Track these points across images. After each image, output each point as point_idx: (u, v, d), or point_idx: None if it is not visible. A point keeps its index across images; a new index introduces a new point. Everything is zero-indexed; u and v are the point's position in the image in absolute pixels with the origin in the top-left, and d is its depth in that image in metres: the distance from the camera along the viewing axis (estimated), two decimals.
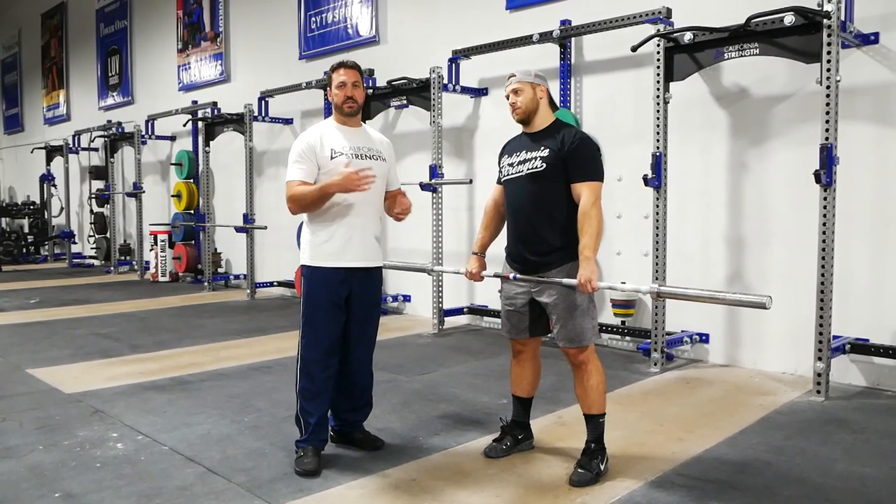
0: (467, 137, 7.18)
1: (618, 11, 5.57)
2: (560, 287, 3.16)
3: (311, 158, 3.35)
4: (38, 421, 4.03)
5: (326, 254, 3.37)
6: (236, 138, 9.68)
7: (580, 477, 3.12)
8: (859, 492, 3.04)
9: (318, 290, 3.38)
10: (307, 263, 3.43)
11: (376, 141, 3.56)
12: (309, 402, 3.37)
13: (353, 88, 3.43)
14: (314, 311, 3.39)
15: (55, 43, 15.82)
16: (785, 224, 5.04)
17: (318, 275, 3.39)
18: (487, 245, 3.56)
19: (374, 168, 3.39)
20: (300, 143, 3.42)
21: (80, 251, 14.25)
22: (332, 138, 3.41)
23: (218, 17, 10.65)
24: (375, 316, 3.60)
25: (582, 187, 3.14)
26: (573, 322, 3.17)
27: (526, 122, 3.31)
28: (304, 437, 3.36)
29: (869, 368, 4.70)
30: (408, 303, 7.82)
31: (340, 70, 3.45)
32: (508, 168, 3.33)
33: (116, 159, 12.56)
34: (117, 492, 3.05)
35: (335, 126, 3.48)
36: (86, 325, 7.07)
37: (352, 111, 3.45)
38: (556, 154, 3.17)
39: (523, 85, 3.27)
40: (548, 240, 3.21)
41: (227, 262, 10.57)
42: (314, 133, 3.43)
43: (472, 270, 3.53)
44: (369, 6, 8.16)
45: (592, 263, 3.04)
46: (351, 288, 3.40)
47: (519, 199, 3.28)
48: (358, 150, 3.42)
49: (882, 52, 4.61)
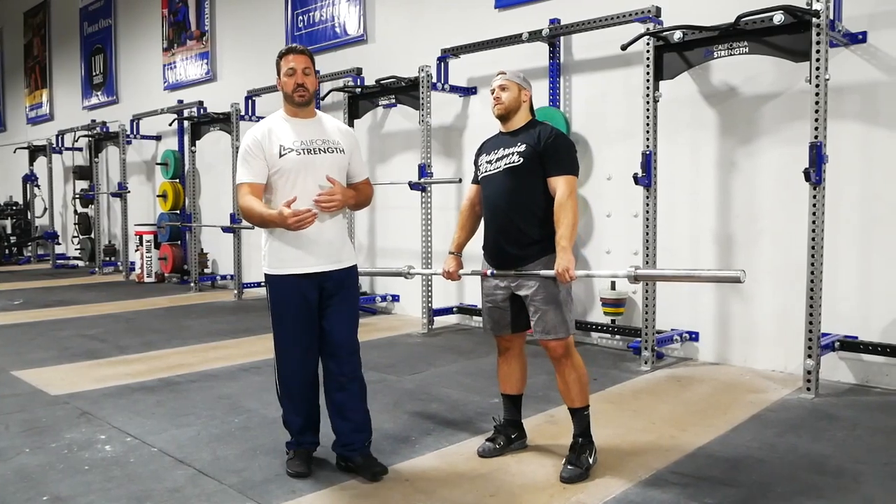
0: (456, 136, 7.16)
1: (607, 10, 5.58)
2: (539, 279, 3.19)
3: (258, 156, 3.10)
4: (24, 423, 3.97)
5: (283, 260, 3.15)
6: (223, 138, 9.61)
7: (570, 473, 3.13)
8: (852, 487, 3.06)
9: (282, 298, 3.18)
10: (266, 271, 3.22)
11: (332, 131, 3.26)
12: (290, 408, 3.28)
13: (303, 75, 3.16)
14: (281, 320, 3.21)
15: (38, 42, 15.64)
16: (774, 222, 5.06)
17: (278, 283, 3.18)
18: (464, 244, 3.58)
19: (330, 161, 3.16)
20: (247, 139, 3.16)
21: (64, 252, 14.09)
22: (281, 132, 3.15)
23: (204, 16, 10.57)
24: (351, 314, 3.28)
25: (558, 181, 3.20)
26: (551, 313, 3.19)
27: (504, 119, 3.36)
28: (292, 440, 3.32)
29: (858, 366, 4.73)
30: (396, 303, 7.79)
31: (290, 56, 3.18)
32: (487, 165, 3.37)
33: (101, 159, 12.42)
34: (106, 494, 3.01)
35: (284, 118, 3.22)
36: (71, 327, 6.99)
37: (303, 100, 3.18)
38: (533, 149, 3.23)
39: (511, 84, 3.33)
40: (526, 233, 3.24)
41: (214, 262, 10.49)
42: (261, 128, 3.18)
43: (450, 270, 3.53)
44: (357, 5, 8.12)
45: (569, 253, 3.08)
46: (320, 291, 3.18)
47: (497, 193, 3.31)
48: (310, 143, 3.15)
49: (870, 50, 4.64)
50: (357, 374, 3.29)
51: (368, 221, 7.98)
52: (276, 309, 3.21)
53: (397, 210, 7.45)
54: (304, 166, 3.12)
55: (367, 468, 3.18)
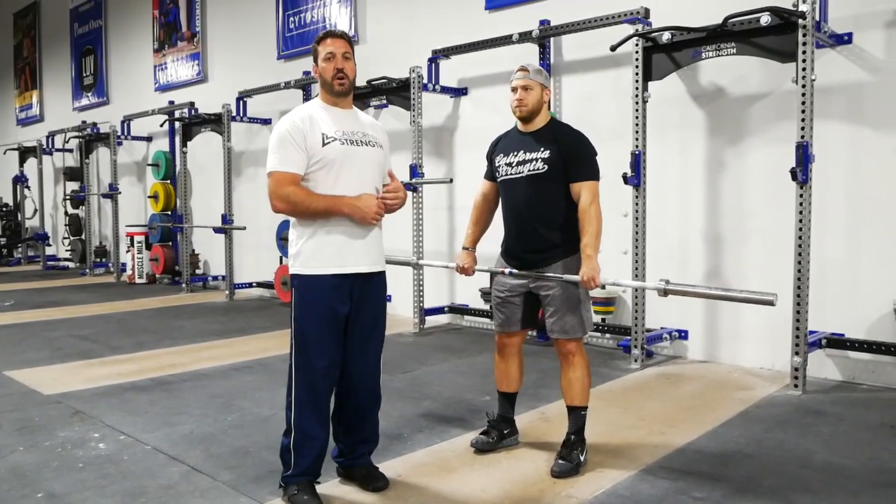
0: (447, 137, 7.20)
1: (597, 11, 5.62)
2: (560, 280, 3.21)
3: (298, 144, 2.81)
4: (17, 422, 3.98)
5: (322, 259, 2.85)
6: (214, 138, 9.61)
7: (561, 468, 3.17)
8: (838, 482, 3.10)
9: (314, 302, 2.85)
10: (298, 272, 2.88)
11: (368, 125, 3.05)
12: (308, 429, 2.88)
13: (343, 60, 2.90)
14: (309, 330, 2.86)
15: (28, 43, 15.58)
16: (762, 221, 5.12)
17: (312, 285, 2.85)
18: (478, 239, 3.59)
19: (371, 155, 2.95)
20: (284, 124, 2.87)
21: (55, 253, 14.04)
22: (322, 120, 2.88)
23: (195, 17, 10.57)
24: (380, 329, 3.07)
25: (581, 187, 3.22)
26: (570, 315, 3.23)
27: (526, 120, 3.35)
28: (295, 471, 2.90)
29: (844, 363, 4.79)
30: (388, 303, 7.79)
31: (327, 40, 2.91)
32: (507, 168, 3.36)
33: (91, 160, 12.40)
34: (101, 491, 3.02)
35: (323, 107, 2.96)
36: (63, 327, 6.98)
37: (343, 88, 2.91)
38: (557, 154, 3.23)
39: (534, 84, 3.31)
40: (547, 238, 3.27)
41: (206, 263, 10.48)
42: (301, 113, 2.91)
43: (464, 265, 3.53)
44: (348, 6, 8.15)
45: (594, 261, 3.13)
46: (353, 299, 2.91)
47: (519, 199, 3.32)
48: (352, 134, 2.91)
49: (855, 51, 4.70)
50: (379, 395, 3.14)
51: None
52: (309, 315, 2.86)
53: None
54: (348, 157, 2.87)
55: (369, 481, 3.03)
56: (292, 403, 2.90)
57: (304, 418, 2.88)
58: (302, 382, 2.89)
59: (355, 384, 3.03)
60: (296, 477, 2.91)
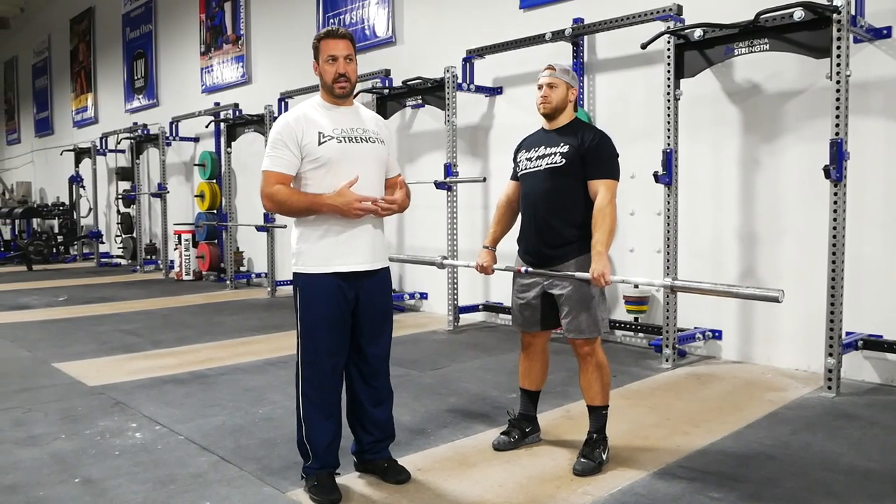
0: (482, 136, 7.24)
1: (629, 9, 5.59)
2: (573, 279, 3.22)
3: (291, 145, 2.85)
4: (61, 412, 4.17)
5: (323, 257, 2.89)
6: (257, 139, 9.83)
7: (583, 466, 3.19)
8: (862, 485, 3.05)
9: (316, 302, 2.90)
10: (300, 271, 2.93)
11: (370, 120, 3.05)
12: (316, 424, 2.96)
13: (345, 63, 2.89)
14: (313, 328, 2.91)
15: (83, 47, 16.15)
16: (797, 220, 5.03)
17: (314, 284, 2.90)
18: (499, 239, 3.62)
19: (371, 151, 2.96)
20: (278, 125, 2.90)
21: (108, 251, 14.53)
22: (319, 119, 2.91)
23: (239, 20, 10.82)
24: (388, 325, 3.11)
25: (599, 184, 3.22)
26: (584, 314, 3.24)
27: (550, 118, 3.38)
28: (313, 462, 2.99)
29: (882, 365, 4.68)
30: (424, 300, 7.89)
31: (329, 40, 2.89)
32: (527, 163, 3.39)
33: (142, 160, 12.83)
34: (134, 478, 3.16)
35: (322, 105, 2.97)
36: (110, 322, 7.24)
37: (344, 93, 2.93)
38: (576, 151, 3.24)
39: (560, 82, 3.34)
40: (562, 233, 3.28)
41: (249, 260, 10.73)
42: (295, 113, 2.92)
43: (484, 264, 3.56)
44: (385, 7, 8.25)
45: (605, 258, 3.11)
46: (357, 296, 2.96)
47: (536, 192, 3.34)
48: (351, 131, 2.93)
49: (895, 46, 4.58)
50: (391, 390, 3.19)
51: (397, 220, 8.09)
52: (311, 314, 2.92)
53: (425, 209, 7.54)
54: (346, 155, 2.89)
55: (391, 474, 3.09)
56: (300, 399, 2.99)
57: (311, 413, 2.97)
58: (308, 379, 2.97)
59: (366, 380, 3.09)
60: (315, 468, 2.99)
